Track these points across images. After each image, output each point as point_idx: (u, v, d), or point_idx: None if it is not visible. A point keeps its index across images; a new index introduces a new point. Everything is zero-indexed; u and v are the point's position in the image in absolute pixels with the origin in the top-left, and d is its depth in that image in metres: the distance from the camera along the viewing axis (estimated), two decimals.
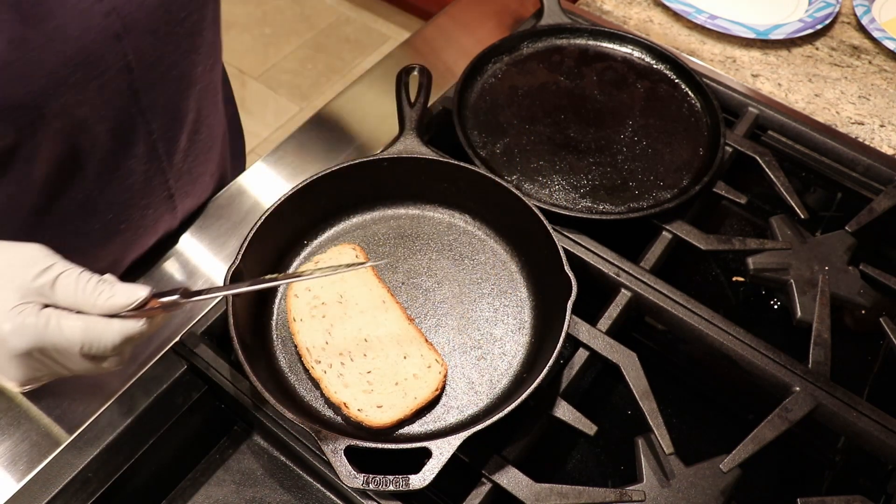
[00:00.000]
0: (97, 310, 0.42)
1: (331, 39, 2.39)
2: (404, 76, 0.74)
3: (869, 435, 0.58)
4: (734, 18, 0.96)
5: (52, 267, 0.42)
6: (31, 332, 0.41)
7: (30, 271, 0.42)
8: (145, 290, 0.43)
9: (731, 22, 0.95)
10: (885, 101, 0.88)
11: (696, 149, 0.76)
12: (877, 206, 0.72)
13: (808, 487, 0.65)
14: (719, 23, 0.94)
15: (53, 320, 0.41)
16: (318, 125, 0.80)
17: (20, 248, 0.43)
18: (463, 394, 0.59)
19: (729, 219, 0.82)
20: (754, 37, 0.93)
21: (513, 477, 0.53)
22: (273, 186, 0.75)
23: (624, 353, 0.60)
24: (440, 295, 0.65)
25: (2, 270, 0.42)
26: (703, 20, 0.95)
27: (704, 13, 0.96)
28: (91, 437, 0.56)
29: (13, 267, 0.42)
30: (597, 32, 0.86)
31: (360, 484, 0.50)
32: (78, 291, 0.42)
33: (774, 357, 0.61)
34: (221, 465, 0.60)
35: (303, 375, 0.59)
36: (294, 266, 0.66)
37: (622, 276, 0.66)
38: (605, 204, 0.71)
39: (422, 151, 0.69)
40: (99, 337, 0.42)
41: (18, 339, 0.41)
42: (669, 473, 0.55)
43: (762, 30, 0.94)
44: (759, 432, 0.57)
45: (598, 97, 0.81)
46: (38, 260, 0.42)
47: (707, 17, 0.95)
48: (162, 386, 0.58)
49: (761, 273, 0.67)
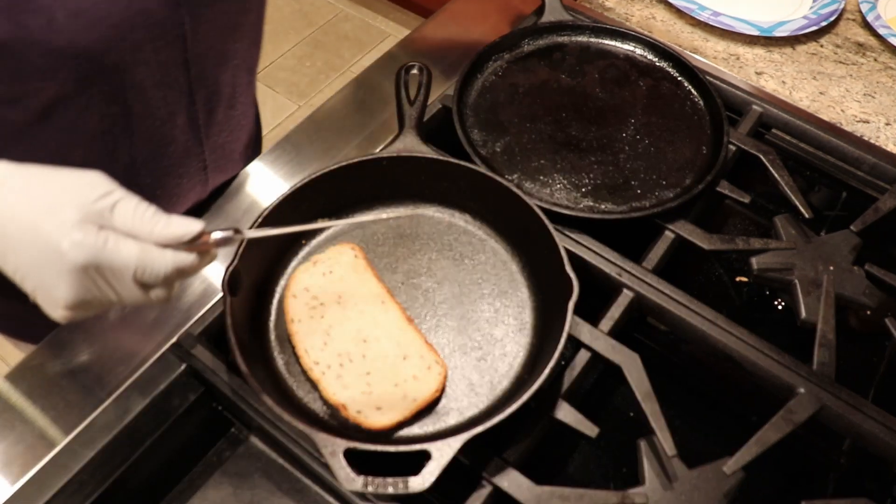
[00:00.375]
0: (153, 238, 0.43)
1: (329, 37, 2.39)
2: (404, 74, 0.74)
3: (874, 437, 0.58)
4: (737, 15, 0.95)
5: (113, 192, 0.43)
6: (90, 249, 0.41)
7: (91, 194, 0.42)
8: (199, 224, 0.45)
9: (734, 19, 0.94)
10: (890, 98, 0.88)
11: (699, 147, 0.76)
12: (882, 205, 0.72)
13: (812, 490, 0.64)
14: (722, 20, 0.94)
15: (112, 241, 0.42)
16: (316, 123, 0.80)
17: (83, 173, 0.44)
18: (463, 395, 0.59)
19: (732, 218, 0.82)
20: (758, 34, 0.92)
21: (513, 479, 0.53)
22: (271, 185, 0.74)
23: (626, 354, 0.59)
24: (440, 295, 0.64)
25: (64, 190, 0.42)
26: (706, 17, 0.94)
27: (708, 10, 0.95)
28: (87, 440, 0.56)
29: (75, 188, 0.43)
30: (598, 30, 0.85)
31: (359, 486, 0.49)
32: (136, 218, 0.43)
33: (778, 358, 0.61)
34: (219, 467, 0.60)
35: (301, 377, 0.59)
36: (292, 266, 0.65)
37: (624, 277, 0.65)
38: (607, 203, 0.71)
39: (421, 150, 0.68)
40: (153, 263, 0.43)
41: (76, 254, 0.41)
42: (672, 476, 0.54)
43: (766, 27, 0.93)
44: (762, 434, 0.56)
45: (600, 95, 0.80)
46: (99, 184, 0.43)
47: (710, 14, 0.94)
48: (158, 387, 0.58)
49: (765, 273, 0.67)
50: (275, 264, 0.65)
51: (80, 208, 0.42)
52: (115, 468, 0.55)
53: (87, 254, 0.41)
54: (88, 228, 0.42)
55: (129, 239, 0.43)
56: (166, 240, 0.44)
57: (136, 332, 0.62)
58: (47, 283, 0.42)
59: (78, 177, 0.43)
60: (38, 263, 0.42)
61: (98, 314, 0.47)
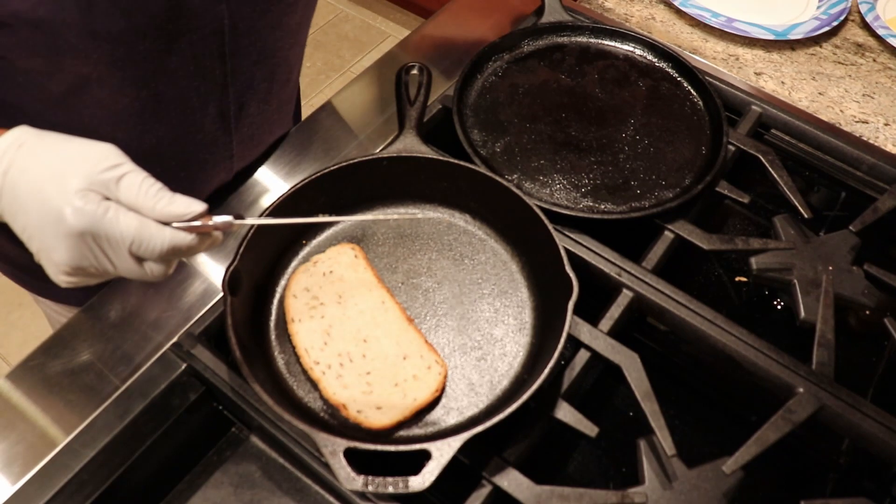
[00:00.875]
0: (154, 214, 0.44)
1: (329, 37, 2.39)
2: (404, 74, 0.74)
3: (873, 437, 0.58)
4: (751, 20, 0.95)
5: (121, 165, 0.44)
6: (89, 217, 0.42)
7: (100, 164, 0.44)
8: (202, 206, 0.46)
9: (749, 24, 0.94)
10: (889, 99, 0.88)
11: (698, 148, 0.76)
12: (881, 205, 0.72)
13: (811, 490, 0.64)
14: (737, 25, 0.93)
15: (112, 212, 0.43)
16: (316, 123, 0.80)
17: (94, 144, 0.45)
18: (463, 395, 0.59)
19: (732, 218, 0.82)
20: (774, 38, 0.92)
21: (513, 479, 0.53)
22: (271, 185, 0.74)
23: (625, 353, 0.60)
24: (440, 295, 0.64)
25: (74, 159, 0.44)
26: (720, 23, 0.94)
27: (722, 16, 0.95)
28: (87, 440, 0.56)
29: (84, 157, 0.44)
30: (598, 30, 0.85)
31: (359, 486, 0.49)
32: (140, 193, 0.44)
33: (778, 358, 0.61)
34: (219, 467, 0.60)
35: (301, 377, 0.59)
36: (293, 266, 0.65)
37: (624, 277, 0.65)
38: (607, 203, 0.71)
39: (421, 150, 0.68)
40: (150, 238, 0.44)
41: (75, 220, 0.42)
42: (671, 475, 0.54)
43: (780, 30, 0.93)
44: (762, 434, 0.56)
45: (600, 95, 0.80)
46: (109, 156, 0.44)
47: (724, 21, 0.94)
48: (159, 387, 0.58)
49: (764, 273, 0.67)
50: (275, 264, 0.65)
51: (86, 177, 0.43)
52: (115, 468, 0.55)
53: (86, 221, 0.42)
54: (91, 197, 0.43)
55: (130, 212, 0.44)
56: (167, 217, 0.44)
57: (136, 332, 0.62)
58: (48, 246, 0.44)
59: (90, 147, 0.45)
60: (41, 225, 0.43)
61: (99, 281, 0.48)
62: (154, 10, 0.52)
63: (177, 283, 0.66)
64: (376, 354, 0.59)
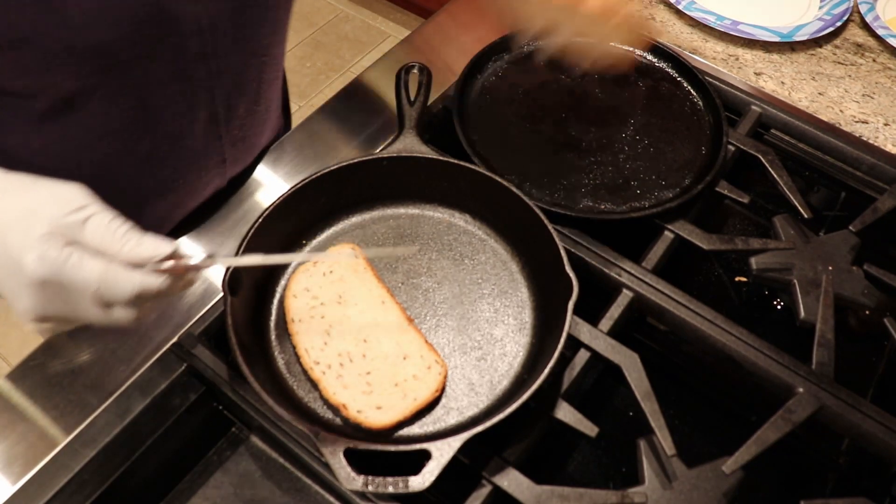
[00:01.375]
0: (121, 256, 0.42)
1: (329, 37, 2.39)
2: (404, 74, 0.74)
3: (873, 437, 0.58)
4: (756, 23, 0.94)
5: (87, 207, 0.42)
6: (50, 264, 0.41)
7: (65, 207, 0.42)
8: (170, 246, 0.43)
9: (754, 27, 0.94)
10: (889, 99, 0.88)
11: (698, 148, 0.76)
12: (881, 205, 0.72)
13: (811, 490, 0.64)
14: (743, 28, 0.93)
15: (75, 257, 0.41)
16: (316, 124, 0.80)
17: (61, 186, 0.43)
18: (463, 395, 0.59)
19: (731, 218, 0.82)
20: (779, 40, 0.92)
21: (513, 479, 0.53)
22: (271, 185, 0.74)
23: (625, 353, 0.60)
24: (440, 295, 0.64)
25: (39, 202, 0.42)
26: (726, 27, 0.93)
27: (727, 20, 0.95)
28: (88, 439, 0.56)
29: (50, 201, 0.42)
30: None
31: (359, 486, 0.49)
32: (106, 235, 0.42)
33: (777, 358, 0.61)
34: (219, 467, 0.60)
35: (301, 376, 0.59)
36: (293, 266, 0.65)
37: (624, 277, 0.65)
38: (607, 203, 0.71)
39: (421, 150, 0.68)
40: (115, 283, 0.42)
41: (36, 268, 0.40)
42: (671, 475, 0.54)
43: (786, 32, 0.93)
44: (762, 434, 0.56)
45: (600, 96, 0.80)
46: (75, 198, 0.42)
47: (730, 24, 0.94)
48: (159, 387, 0.58)
49: (764, 273, 0.67)
50: (275, 264, 0.65)
51: (50, 221, 0.41)
52: (116, 467, 0.55)
53: (47, 269, 0.40)
54: (53, 243, 0.41)
55: (96, 256, 0.42)
56: (135, 259, 0.42)
57: (136, 332, 0.62)
58: (13, 294, 0.42)
59: (56, 188, 0.43)
60: (5, 274, 0.41)
61: (72, 328, 0.46)
62: (130, 15, 0.51)
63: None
64: (376, 354, 0.59)
